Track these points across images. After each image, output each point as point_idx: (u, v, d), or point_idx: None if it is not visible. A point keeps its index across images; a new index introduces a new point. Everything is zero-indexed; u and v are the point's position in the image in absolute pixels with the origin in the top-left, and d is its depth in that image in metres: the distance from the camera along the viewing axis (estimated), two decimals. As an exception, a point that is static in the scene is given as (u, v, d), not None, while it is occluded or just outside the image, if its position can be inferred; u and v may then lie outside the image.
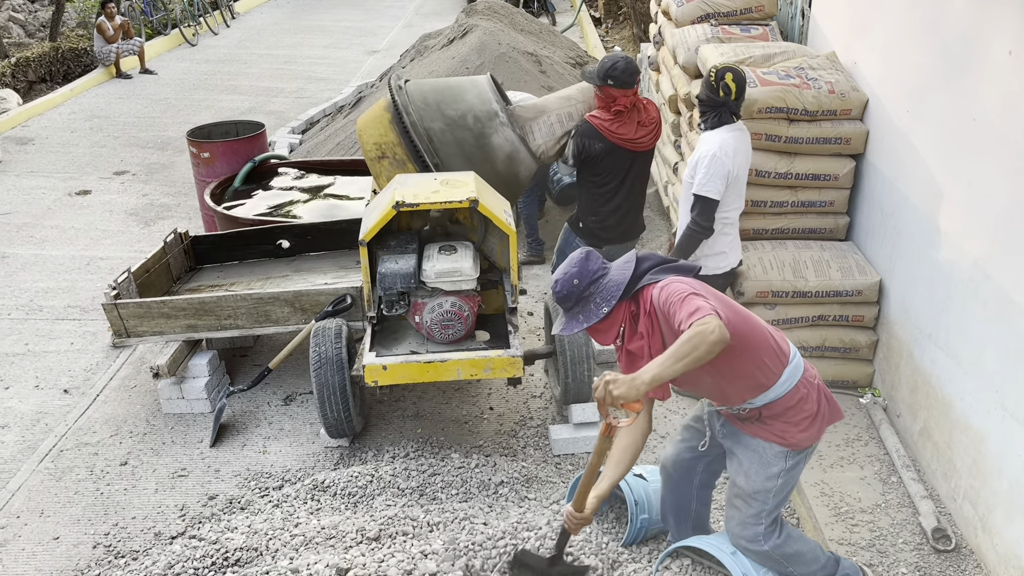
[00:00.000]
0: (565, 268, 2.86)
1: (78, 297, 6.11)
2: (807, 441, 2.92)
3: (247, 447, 4.52)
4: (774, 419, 2.89)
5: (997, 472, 3.46)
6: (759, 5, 6.07)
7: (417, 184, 4.21)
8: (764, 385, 2.83)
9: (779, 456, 2.92)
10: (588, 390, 4.38)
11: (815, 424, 2.90)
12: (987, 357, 3.55)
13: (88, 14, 13.90)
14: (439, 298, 4.15)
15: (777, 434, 2.90)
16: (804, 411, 2.88)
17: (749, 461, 2.97)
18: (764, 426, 2.92)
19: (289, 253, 5.57)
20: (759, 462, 2.94)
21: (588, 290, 2.82)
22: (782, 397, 2.85)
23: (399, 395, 4.87)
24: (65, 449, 4.54)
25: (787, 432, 2.89)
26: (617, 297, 2.80)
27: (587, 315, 2.82)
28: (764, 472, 2.93)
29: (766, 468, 2.93)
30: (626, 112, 4.42)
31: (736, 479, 3.02)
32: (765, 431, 2.92)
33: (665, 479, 3.34)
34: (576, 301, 2.83)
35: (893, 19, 4.45)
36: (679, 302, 2.64)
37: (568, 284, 2.82)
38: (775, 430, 2.90)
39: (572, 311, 2.86)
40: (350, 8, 17.66)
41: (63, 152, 9.22)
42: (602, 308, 2.80)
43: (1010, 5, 3.38)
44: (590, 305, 2.82)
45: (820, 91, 4.67)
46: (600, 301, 2.81)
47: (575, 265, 2.84)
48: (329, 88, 11.49)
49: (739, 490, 3.02)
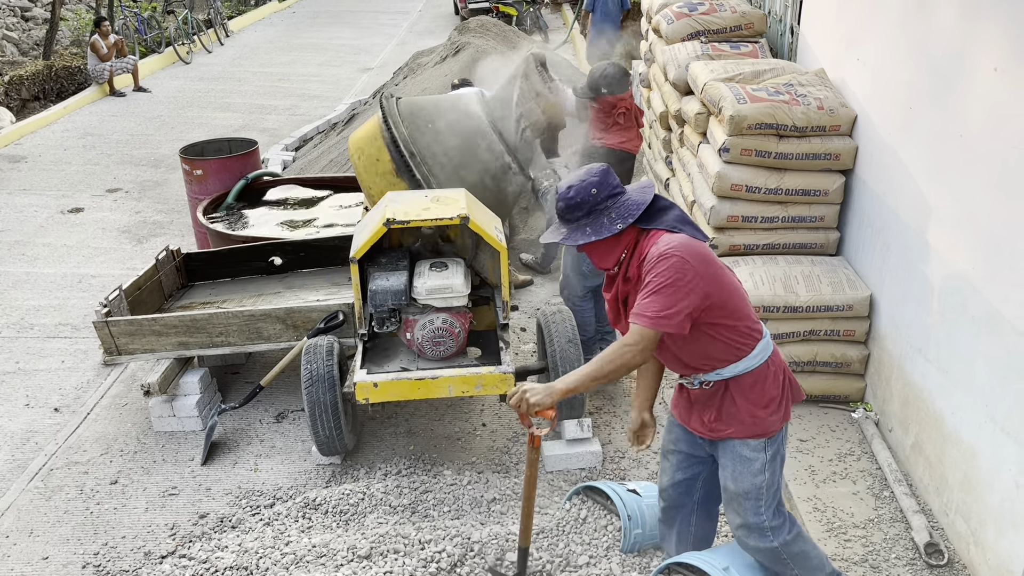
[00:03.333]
0: (582, 176, 2.71)
1: (69, 315, 6.10)
2: (778, 423, 2.89)
3: (238, 465, 4.50)
4: (742, 397, 2.84)
5: (988, 486, 3.46)
6: (748, 23, 6.12)
7: (408, 201, 4.22)
8: (739, 353, 2.79)
9: (758, 450, 2.89)
10: (581, 406, 4.38)
11: (782, 405, 2.88)
12: (977, 371, 3.56)
13: (82, 32, 13.95)
14: (430, 315, 4.15)
15: (747, 424, 2.86)
16: (770, 392, 2.85)
17: (732, 464, 2.93)
18: (733, 413, 2.86)
19: (281, 270, 5.57)
20: (741, 462, 2.91)
21: (605, 203, 2.68)
22: (752, 370, 2.82)
23: (391, 412, 4.86)
24: (55, 468, 4.52)
25: (757, 417, 2.85)
26: (635, 217, 2.67)
27: (597, 228, 2.68)
28: (748, 470, 2.90)
29: (749, 466, 2.90)
30: (627, 115, 4.39)
31: (726, 484, 2.99)
32: (735, 423, 2.86)
33: (665, 504, 3.29)
34: (588, 212, 2.69)
35: (881, 36, 4.49)
36: (655, 287, 2.59)
37: (585, 191, 2.68)
38: (744, 418, 2.86)
39: (579, 222, 2.70)
40: (344, 26, 17.77)
41: (56, 170, 9.23)
42: (616, 224, 2.66)
43: (996, 23, 3.41)
44: (603, 219, 2.68)
45: (809, 107, 4.70)
46: (616, 217, 2.67)
47: (595, 175, 2.70)
48: (323, 105, 11.54)
49: (730, 494, 2.99)
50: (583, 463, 4.35)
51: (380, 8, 20.37)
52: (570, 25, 15.27)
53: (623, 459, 4.43)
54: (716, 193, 4.83)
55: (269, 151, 9.21)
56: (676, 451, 3.16)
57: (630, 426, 3.22)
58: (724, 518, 3.94)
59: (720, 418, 2.91)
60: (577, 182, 2.71)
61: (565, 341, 4.29)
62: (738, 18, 6.11)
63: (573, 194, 2.70)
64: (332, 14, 19.45)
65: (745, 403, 2.86)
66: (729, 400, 2.88)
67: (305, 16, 19.26)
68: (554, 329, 4.35)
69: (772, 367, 2.87)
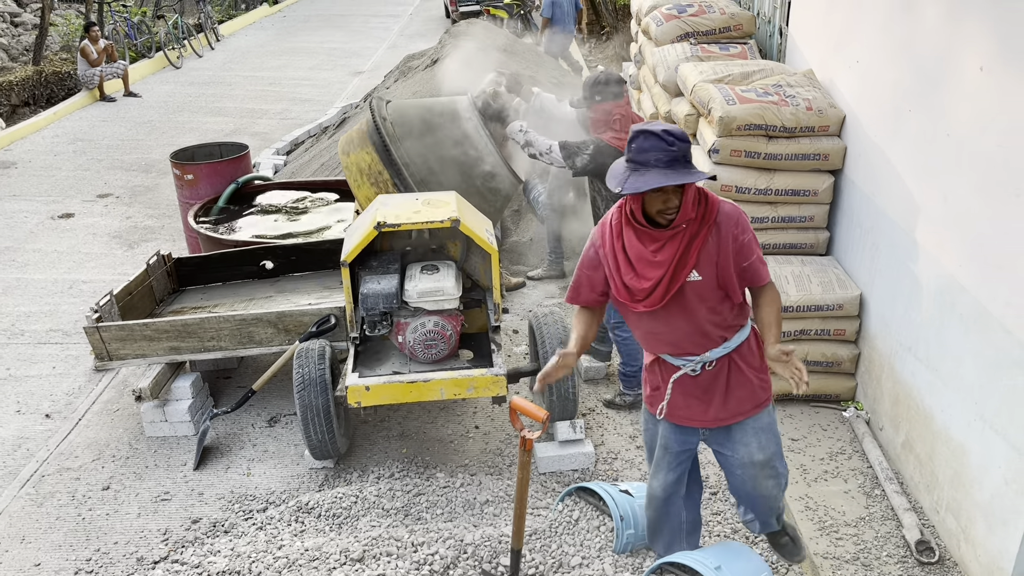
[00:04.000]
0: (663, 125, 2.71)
1: (60, 321, 6.08)
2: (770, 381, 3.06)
3: (231, 469, 4.49)
4: (747, 365, 2.95)
5: (978, 483, 3.48)
6: (737, 24, 6.15)
7: (399, 204, 4.22)
8: (745, 314, 2.93)
9: (772, 411, 3.08)
10: (573, 407, 4.39)
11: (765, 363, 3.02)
12: (965, 369, 3.58)
13: (72, 38, 13.93)
14: (422, 318, 4.16)
15: (760, 390, 3.00)
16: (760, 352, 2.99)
17: (756, 437, 3.04)
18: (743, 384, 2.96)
19: (273, 274, 5.57)
20: (765, 431, 3.05)
21: (688, 154, 2.71)
22: (749, 334, 2.97)
23: (383, 415, 4.86)
24: (47, 474, 4.50)
25: (763, 380, 3.01)
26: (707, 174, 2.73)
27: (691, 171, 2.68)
28: (772, 434, 3.07)
29: (771, 429, 3.07)
30: (622, 120, 4.35)
31: (753, 458, 3.05)
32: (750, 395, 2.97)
33: (656, 505, 3.32)
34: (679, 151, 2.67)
35: (868, 37, 4.52)
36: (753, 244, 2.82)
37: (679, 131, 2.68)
38: (756, 385, 2.98)
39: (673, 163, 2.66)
40: (335, 30, 17.77)
41: (46, 175, 9.20)
42: (697, 173, 2.68)
43: (981, 23, 3.44)
44: (690, 166, 2.69)
45: (798, 108, 4.72)
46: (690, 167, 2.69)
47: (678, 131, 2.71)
48: (314, 109, 11.53)
49: (759, 464, 3.06)
50: (576, 464, 4.35)
51: (371, 12, 20.39)
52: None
53: (615, 460, 4.44)
54: (706, 194, 4.84)
55: (260, 155, 9.21)
56: (667, 452, 3.18)
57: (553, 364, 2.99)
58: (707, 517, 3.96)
59: (731, 398, 2.98)
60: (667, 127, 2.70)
61: (557, 343, 4.30)
62: (727, 20, 6.13)
63: (678, 131, 2.69)
64: (323, 18, 19.46)
65: (750, 370, 2.97)
66: (736, 373, 2.96)
67: (296, 20, 19.26)
68: (546, 331, 4.35)
69: (753, 330, 3.01)
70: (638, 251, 2.83)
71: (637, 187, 2.65)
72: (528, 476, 3.08)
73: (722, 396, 2.98)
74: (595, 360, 5.13)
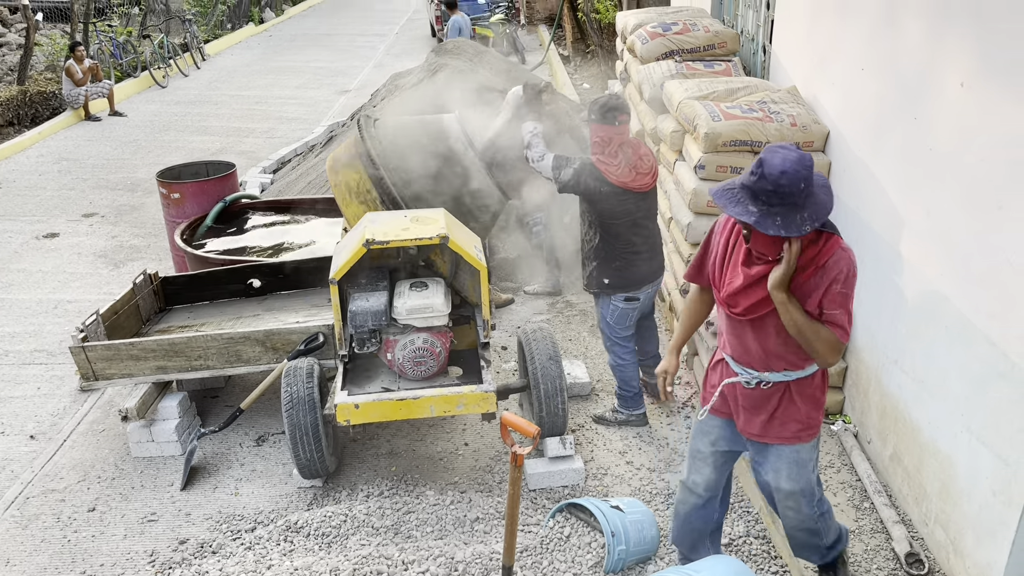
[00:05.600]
0: (796, 164, 2.57)
1: (45, 341, 6.03)
2: (819, 423, 3.07)
3: (219, 489, 4.46)
4: (803, 399, 2.97)
5: (966, 495, 3.50)
6: (722, 42, 6.21)
7: (387, 222, 4.23)
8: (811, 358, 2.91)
9: (812, 450, 3.07)
10: (563, 423, 4.38)
11: (823, 406, 3.06)
12: (952, 381, 3.60)
13: (57, 57, 13.89)
14: (411, 335, 4.15)
15: (804, 425, 2.99)
16: (822, 394, 3.02)
17: (788, 467, 3.07)
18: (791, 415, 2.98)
19: (260, 292, 5.55)
20: (798, 464, 3.06)
21: (805, 200, 2.60)
22: (814, 373, 2.97)
23: (372, 433, 4.84)
24: (31, 496, 4.45)
25: (812, 419, 3.00)
26: (822, 222, 2.64)
27: (787, 224, 2.59)
28: (804, 470, 3.07)
29: (805, 467, 3.07)
30: (609, 147, 4.22)
31: (780, 485, 3.10)
32: (794, 425, 2.99)
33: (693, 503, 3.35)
34: (788, 203, 2.59)
35: (851, 54, 4.57)
36: (845, 300, 2.73)
37: (795, 182, 2.56)
38: (803, 419, 2.98)
39: (773, 209, 2.60)
40: (321, 49, 17.81)
41: (30, 195, 9.15)
42: (806, 226, 2.60)
43: (962, 40, 3.49)
44: (796, 216, 2.59)
45: (782, 124, 4.77)
46: (807, 217, 2.60)
47: (807, 164, 2.60)
48: (300, 128, 11.54)
49: (786, 493, 3.11)
50: (566, 480, 4.35)
51: (357, 31, 20.47)
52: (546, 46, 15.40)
53: (605, 476, 4.44)
54: (692, 210, 4.88)
55: (247, 174, 9.20)
56: (715, 451, 3.23)
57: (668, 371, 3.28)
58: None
59: (775, 421, 3.01)
60: (791, 168, 2.57)
61: (546, 359, 4.31)
62: (711, 37, 6.20)
63: (785, 182, 2.57)
64: (309, 37, 19.51)
65: (804, 405, 2.99)
66: (788, 402, 2.99)
67: (282, 39, 19.30)
68: (535, 347, 4.36)
69: (821, 371, 3.01)
70: (741, 257, 2.88)
71: (727, 208, 2.65)
72: (519, 492, 3.08)
73: (767, 415, 3.02)
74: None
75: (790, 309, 2.73)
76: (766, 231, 2.60)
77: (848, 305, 2.76)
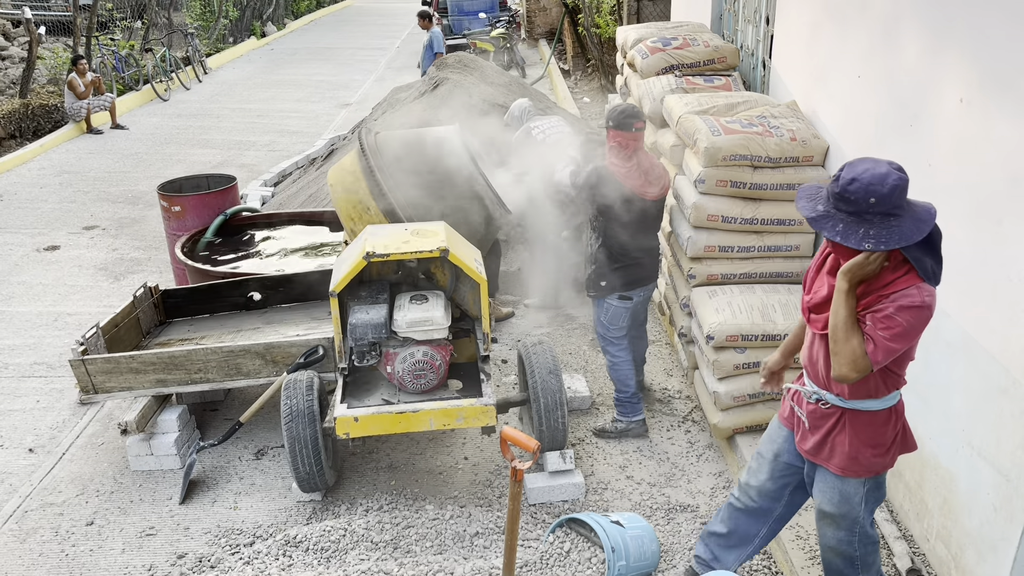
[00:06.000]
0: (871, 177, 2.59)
1: (45, 354, 6.02)
2: (879, 467, 3.00)
3: (217, 503, 4.44)
4: (854, 432, 2.93)
5: (967, 511, 3.48)
6: (721, 57, 6.24)
7: (388, 234, 4.23)
8: (876, 392, 2.88)
9: (858, 487, 3.02)
10: (563, 437, 4.37)
11: (889, 452, 2.98)
12: (953, 396, 3.60)
13: (59, 71, 13.94)
14: (411, 348, 4.15)
15: (849, 458, 2.95)
16: (881, 436, 2.95)
17: (831, 493, 3.05)
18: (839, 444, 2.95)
19: (260, 305, 5.55)
20: (841, 495, 3.04)
21: (874, 216, 2.60)
22: (874, 412, 2.92)
23: (372, 447, 4.83)
24: (30, 510, 4.44)
25: (861, 455, 2.95)
26: (890, 248, 2.60)
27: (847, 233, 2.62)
28: (848, 503, 3.04)
29: (849, 499, 3.03)
30: (625, 151, 4.40)
31: (822, 507, 3.10)
32: (839, 456, 2.96)
33: (741, 505, 3.35)
34: (852, 211, 2.62)
35: (849, 69, 4.59)
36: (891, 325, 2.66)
37: (864, 194, 2.59)
38: (849, 452, 2.95)
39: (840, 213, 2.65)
40: (322, 62, 17.88)
41: (32, 208, 9.17)
42: (865, 243, 2.60)
43: (960, 56, 3.51)
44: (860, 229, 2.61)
45: (782, 139, 4.79)
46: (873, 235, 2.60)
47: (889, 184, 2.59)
48: (302, 141, 11.57)
49: (826, 514, 3.11)
50: (566, 495, 4.33)
51: (358, 45, 20.56)
52: (547, 60, 15.46)
53: (606, 490, 4.42)
54: (693, 223, 4.89)
55: (248, 187, 9.21)
56: (776, 460, 3.23)
57: (767, 365, 3.33)
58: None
59: (825, 444, 3.00)
60: (865, 178, 2.60)
61: (546, 372, 4.30)
62: (711, 52, 6.22)
63: (853, 188, 2.61)
64: (311, 51, 19.60)
65: (855, 438, 2.94)
66: (840, 430, 2.96)
67: (284, 53, 19.38)
68: (535, 360, 4.35)
69: (892, 415, 2.96)
70: (829, 267, 2.91)
71: (798, 201, 2.76)
72: (519, 507, 3.06)
73: (821, 436, 3.01)
74: None
75: (843, 301, 2.71)
76: (822, 230, 2.67)
77: (892, 331, 2.68)
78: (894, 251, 2.68)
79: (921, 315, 2.68)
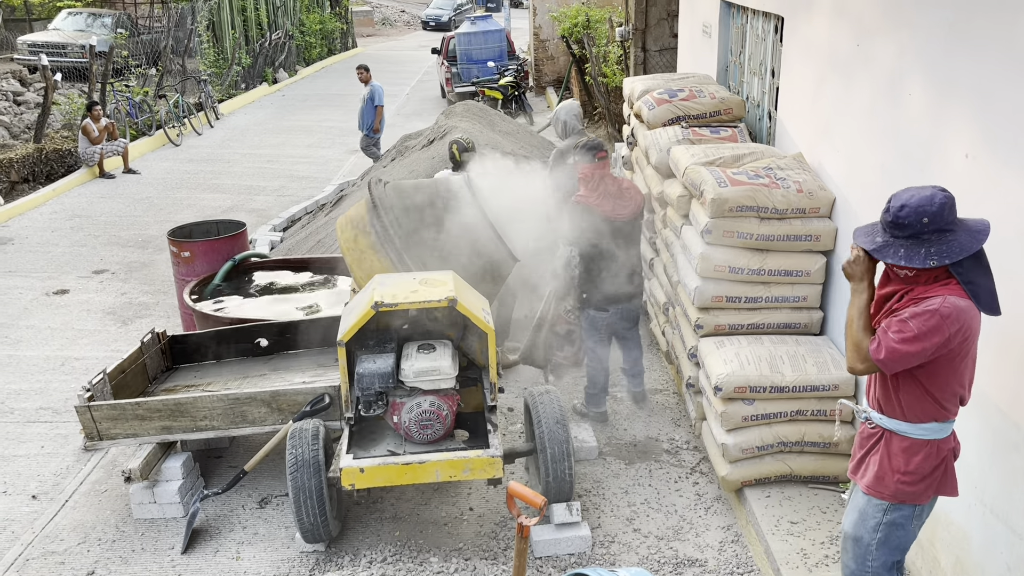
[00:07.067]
0: (920, 200, 2.72)
1: (51, 399, 6.02)
2: (909, 497, 2.98)
3: (220, 553, 4.40)
4: (889, 454, 2.97)
5: (981, 569, 3.42)
6: (727, 108, 6.30)
7: (396, 284, 4.24)
8: (919, 417, 2.91)
9: (879, 510, 3.02)
10: (569, 488, 4.33)
11: (922, 483, 2.97)
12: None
13: (74, 116, 14.15)
14: (417, 397, 4.14)
15: (878, 478, 2.98)
16: (917, 466, 2.94)
17: (855, 510, 3.10)
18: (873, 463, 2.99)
19: (267, 352, 5.55)
20: (861, 514, 3.07)
21: (931, 235, 2.73)
22: (918, 440, 2.93)
23: (376, 496, 4.78)
24: (31, 558, 4.39)
25: (889, 480, 2.96)
26: (952, 261, 2.71)
27: (910, 255, 2.75)
28: (865, 524, 3.06)
29: (866, 520, 3.06)
30: (592, 180, 5.00)
31: (844, 524, 3.18)
32: (870, 474, 3.01)
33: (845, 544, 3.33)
34: (911, 235, 2.75)
35: (855, 122, 4.63)
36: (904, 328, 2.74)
37: (916, 217, 2.72)
38: (879, 473, 2.98)
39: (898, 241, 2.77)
40: (333, 108, 18.11)
41: (42, 251, 9.24)
42: (930, 261, 2.72)
43: (965, 112, 3.54)
44: (921, 249, 2.74)
45: (789, 190, 4.81)
46: (934, 253, 2.72)
47: (935, 204, 2.72)
48: (311, 186, 11.68)
49: (845, 534, 3.16)
50: (572, 548, 4.28)
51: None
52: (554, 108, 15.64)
53: (612, 543, 4.36)
54: (700, 274, 4.90)
55: (257, 231, 9.29)
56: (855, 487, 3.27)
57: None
58: None
59: (863, 463, 3.07)
60: (913, 202, 2.74)
61: (553, 422, 4.28)
62: (717, 104, 6.29)
63: (905, 214, 2.74)
64: (321, 97, 19.86)
65: (886, 459, 2.98)
66: (877, 450, 3.02)
67: (295, 99, 19.66)
68: (542, 410, 4.33)
69: (934, 448, 2.96)
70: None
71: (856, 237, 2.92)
72: (524, 563, 3.02)
73: (862, 455, 3.09)
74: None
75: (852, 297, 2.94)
76: (885, 259, 2.80)
77: (901, 335, 2.76)
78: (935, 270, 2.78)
79: (932, 321, 2.74)
